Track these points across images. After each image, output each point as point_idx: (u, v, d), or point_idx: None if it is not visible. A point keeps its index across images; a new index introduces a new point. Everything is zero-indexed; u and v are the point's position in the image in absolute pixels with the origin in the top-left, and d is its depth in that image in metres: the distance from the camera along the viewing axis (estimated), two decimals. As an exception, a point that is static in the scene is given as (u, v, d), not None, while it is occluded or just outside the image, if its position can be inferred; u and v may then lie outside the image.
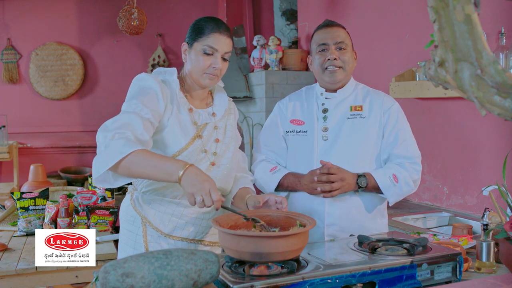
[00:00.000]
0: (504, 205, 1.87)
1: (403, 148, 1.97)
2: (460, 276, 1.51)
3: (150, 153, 1.56)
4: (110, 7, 5.34)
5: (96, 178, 1.57)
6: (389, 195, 1.95)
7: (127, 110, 1.65)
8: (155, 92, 1.70)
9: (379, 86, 2.36)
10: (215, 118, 1.84)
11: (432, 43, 0.94)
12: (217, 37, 1.72)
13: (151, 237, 1.77)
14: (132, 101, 1.66)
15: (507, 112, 0.84)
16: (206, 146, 1.78)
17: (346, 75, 2.01)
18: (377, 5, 3.69)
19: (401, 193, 1.96)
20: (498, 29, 2.65)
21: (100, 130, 1.59)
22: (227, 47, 1.75)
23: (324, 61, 1.98)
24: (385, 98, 2.04)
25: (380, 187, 1.93)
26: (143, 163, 1.52)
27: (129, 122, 1.59)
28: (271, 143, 2.11)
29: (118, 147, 1.51)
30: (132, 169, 1.53)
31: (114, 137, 1.54)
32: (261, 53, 4.63)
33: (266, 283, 1.27)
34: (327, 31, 2.00)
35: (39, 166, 3.83)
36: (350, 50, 2.01)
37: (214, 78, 1.76)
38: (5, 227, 2.83)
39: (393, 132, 1.98)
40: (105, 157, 1.52)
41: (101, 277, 1.20)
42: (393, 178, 1.92)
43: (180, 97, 1.76)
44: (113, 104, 5.48)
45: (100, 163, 1.54)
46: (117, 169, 1.54)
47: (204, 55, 1.73)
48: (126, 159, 1.51)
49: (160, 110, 1.69)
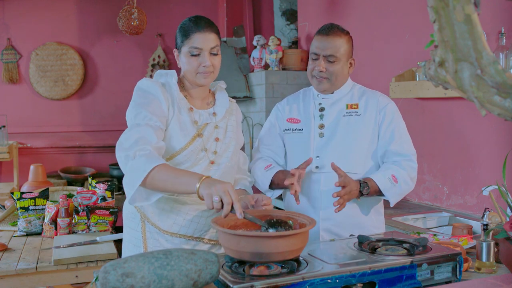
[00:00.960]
0: (504, 205, 1.87)
1: (399, 145, 1.99)
2: (460, 276, 1.51)
3: (168, 168, 1.60)
4: (110, 7, 5.34)
5: (130, 198, 1.63)
6: (390, 196, 1.96)
7: (137, 122, 1.70)
8: (157, 98, 1.75)
9: (379, 86, 2.36)
10: (216, 118, 1.87)
11: (432, 43, 0.94)
12: (199, 36, 1.77)
13: (149, 233, 1.80)
14: (139, 111, 1.72)
15: (507, 112, 0.84)
16: (206, 145, 1.81)
17: (331, 85, 2.04)
18: (377, 5, 3.69)
19: (401, 193, 1.98)
20: (498, 29, 2.65)
21: (118, 149, 1.66)
22: (212, 42, 1.79)
23: (313, 69, 2.02)
24: (380, 97, 2.07)
25: (381, 190, 1.94)
26: (164, 178, 1.57)
27: (143, 136, 1.65)
28: (269, 141, 2.16)
29: (141, 165, 1.58)
30: (156, 184, 1.59)
31: (135, 156, 1.61)
32: (261, 53, 4.63)
33: (266, 283, 1.27)
34: (322, 39, 2.00)
35: (39, 166, 3.83)
36: (342, 61, 2.00)
37: (209, 75, 1.80)
38: (5, 227, 2.83)
39: (388, 129, 2.01)
40: (131, 177, 1.60)
41: (101, 277, 1.20)
42: (393, 179, 1.94)
43: (180, 99, 1.80)
44: (113, 104, 5.49)
45: (128, 184, 1.61)
46: (146, 186, 1.61)
47: (192, 57, 1.78)
48: (150, 176, 1.57)
49: (165, 114, 1.76)
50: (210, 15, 6.07)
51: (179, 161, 1.76)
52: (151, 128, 1.67)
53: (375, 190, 1.94)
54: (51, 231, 2.65)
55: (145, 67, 5.60)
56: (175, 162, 1.75)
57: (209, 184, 1.49)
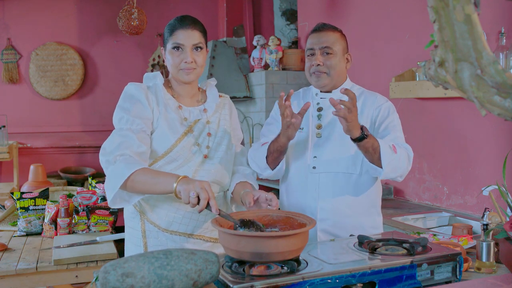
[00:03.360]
0: (504, 205, 1.87)
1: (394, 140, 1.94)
2: (460, 276, 1.51)
3: (148, 171, 1.68)
4: (110, 7, 5.34)
5: (110, 201, 1.71)
6: (385, 160, 1.84)
7: (120, 127, 1.77)
8: (139, 100, 1.80)
9: (379, 86, 2.37)
10: (206, 114, 1.90)
11: (432, 43, 0.94)
12: (181, 32, 1.80)
13: (149, 232, 1.82)
14: (122, 115, 1.78)
15: (507, 112, 0.84)
16: (198, 140, 1.84)
17: (331, 79, 2.02)
18: (377, 5, 3.69)
19: (397, 165, 1.87)
20: (498, 29, 2.65)
21: (101, 154, 1.74)
22: (194, 39, 1.81)
23: (311, 66, 2.02)
24: (378, 97, 2.07)
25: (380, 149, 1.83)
26: (143, 181, 1.64)
27: (124, 140, 1.72)
28: (270, 134, 2.14)
29: (120, 170, 1.65)
30: (136, 187, 1.66)
31: (115, 160, 1.68)
32: (261, 53, 4.63)
33: (266, 283, 1.27)
34: (315, 36, 2.02)
35: (39, 166, 3.83)
36: (338, 55, 2.00)
37: (191, 71, 1.82)
38: (5, 227, 2.83)
39: (383, 125, 1.99)
40: (111, 181, 1.67)
41: (101, 277, 1.20)
42: (393, 148, 1.86)
43: (167, 98, 1.84)
44: (113, 104, 5.41)
45: (109, 187, 1.69)
46: (126, 189, 1.68)
47: (174, 52, 1.81)
48: (129, 180, 1.64)
49: (149, 116, 1.80)
50: (210, 15, 6.05)
51: (172, 158, 1.79)
52: (132, 133, 1.73)
53: (373, 145, 1.82)
54: (51, 231, 2.66)
55: (145, 67, 5.60)
56: (168, 159, 1.79)
57: (187, 181, 1.56)
